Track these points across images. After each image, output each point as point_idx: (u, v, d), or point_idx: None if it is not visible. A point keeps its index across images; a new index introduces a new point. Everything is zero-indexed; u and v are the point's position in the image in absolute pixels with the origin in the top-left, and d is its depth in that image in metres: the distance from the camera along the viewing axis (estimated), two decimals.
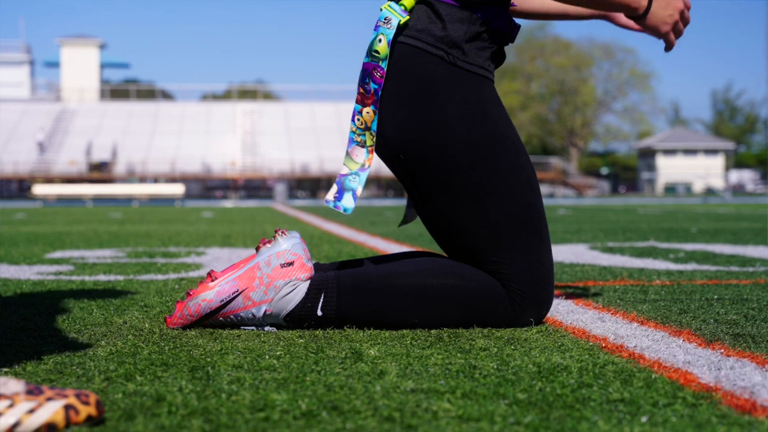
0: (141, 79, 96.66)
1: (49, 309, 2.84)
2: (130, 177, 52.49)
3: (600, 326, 2.47)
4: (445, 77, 2.41)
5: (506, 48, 2.53)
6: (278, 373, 1.84)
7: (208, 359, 1.99)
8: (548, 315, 2.68)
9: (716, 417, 1.48)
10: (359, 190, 2.47)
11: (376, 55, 2.43)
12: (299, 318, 2.39)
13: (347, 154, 2.48)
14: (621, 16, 2.93)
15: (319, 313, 2.38)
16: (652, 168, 75.54)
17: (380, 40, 2.43)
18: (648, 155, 77.23)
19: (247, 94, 70.92)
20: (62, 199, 41.33)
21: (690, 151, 75.73)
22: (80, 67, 64.88)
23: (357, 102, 2.47)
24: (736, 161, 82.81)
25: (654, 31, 2.53)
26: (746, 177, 75.76)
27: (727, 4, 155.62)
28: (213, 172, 54.01)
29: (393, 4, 2.47)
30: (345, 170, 2.48)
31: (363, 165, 2.47)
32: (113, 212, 19.04)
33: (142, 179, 52.45)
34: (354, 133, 2.48)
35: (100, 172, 52.53)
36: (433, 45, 2.41)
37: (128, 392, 1.67)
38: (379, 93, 2.43)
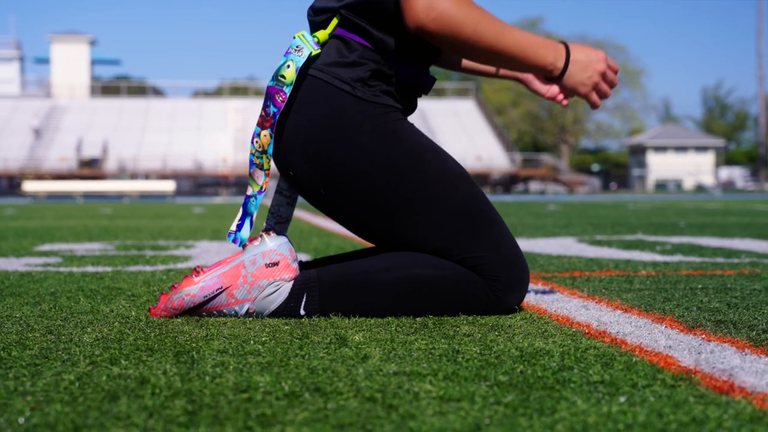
0: (132, 75, 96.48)
1: (36, 298, 2.85)
2: (120, 174, 52.39)
3: (584, 313, 2.49)
4: (353, 110, 2.40)
5: (406, 107, 2.51)
6: (262, 357, 1.86)
7: (193, 345, 2.00)
8: (533, 303, 2.70)
9: (694, 397, 1.50)
10: (254, 216, 2.49)
11: (282, 80, 2.43)
12: (282, 317, 2.41)
13: (250, 175, 2.50)
14: (533, 81, 2.82)
15: (302, 312, 2.40)
16: (642, 165, 75.71)
17: (288, 66, 2.43)
18: (639, 152, 77.40)
19: (238, 90, 70.85)
20: (52, 196, 41.26)
21: (680, 148, 75.92)
22: (71, 63, 64.70)
23: (258, 124, 2.47)
24: (726, 158, 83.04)
25: (572, 92, 2.51)
26: (736, 174, 75.97)
27: (718, 1, 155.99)
28: (204, 168, 53.96)
29: (307, 34, 2.47)
30: (249, 191, 2.51)
31: (261, 188, 2.49)
32: (103, 208, 19.01)
33: (133, 176, 52.36)
34: (253, 155, 2.48)
35: (90, 168, 52.44)
36: (340, 79, 2.41)
37: (112, 375, 1.68)
38: (277, 116, 2.43)
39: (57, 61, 64.76)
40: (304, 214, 12.64)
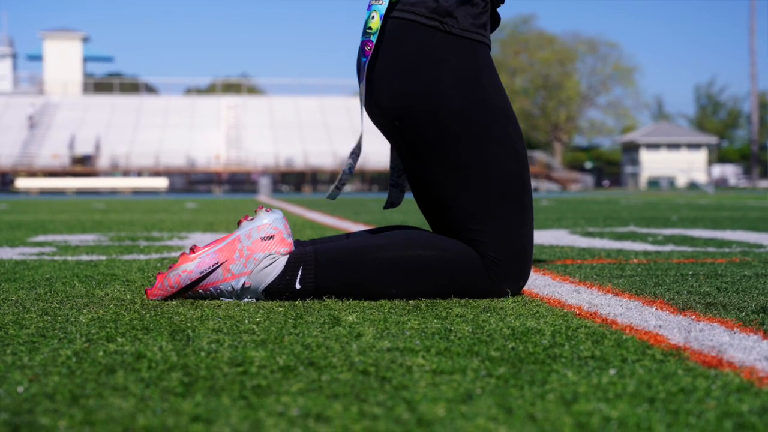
0: (124, 72, 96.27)
1: (31, 283, 2.87)
2: (113, 171, 52.26)
3: (575, 297, 2.51)
4: (441, 45, 2.45)
5: (491, 42, 2.52)
6: (257, 335, 1.88)
7: (188, 324, 2.02)
8: (525, 287, 2.72)
9: (683, 370, 1.53)
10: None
11: (369, 30, 2.48)
12: (278, 291, 2.42)
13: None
14: None
15: (298, 286, 2.41)
16: (635, 162, 75.81)
17: (373, 17, 2.48)
18: (631, 149, 77.50)
19: (231, 88, 70.70)
20: (45, 193, 41.19)
21: (673, 146, 76.02)
22: (63, 60, 64.48)
23: (361, 78, 2.53)
24: (719, 156, 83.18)
25: None
26: (729, 171, 76.12)
27: None
28: (197, 166, 53.86)
29: None
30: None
31: None
32: (96, 204, 18.98)
33: (126, 173, 52.26)
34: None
35: (83, 165, 52.29)
36: (427, 16, 2.45)
37: (109, 351, 1.70)
38: (367, 65, 2.48)
39: (49, 58, 64.53)
40: (298, 210, 12.66)
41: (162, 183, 45.00)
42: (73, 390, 1.38)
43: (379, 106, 2.51)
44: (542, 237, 5.54)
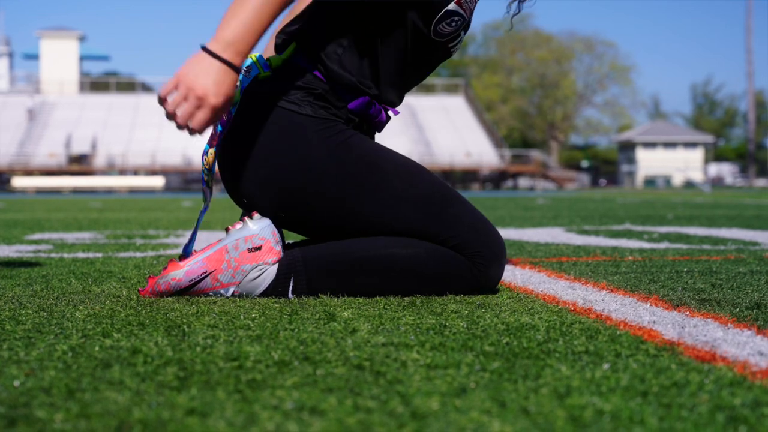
0: (121, 71, 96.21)
1: (28, 280, 2.87)
2: (110, 170, 52.24)
3: (570, 293, 2.52)
4: (299, 127, 2.41)
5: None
6: (252, 331, 1.88)
7: (184, 320, 2.03)
8: (520, 284, 2.73)
9: (676, 365, 1.54)
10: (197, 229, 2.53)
11: None
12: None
13: (203, 191, 2.54)
14: None
15: (290, 296, 2.42)
16: (632, 161, 75.91)
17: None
18: (628, 148, 77.61)
19: None
20: (41, 192, 41.17)
21: (670, 145, 76.14)
22: (59, 59, 64.39)
23: (207, 142, 2.49)
24: (715, 155, 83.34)
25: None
26: (726, 170, 76.27)
27: None
28: (194, 164, 53.86)
29: (261, 57, 2.48)
30: (203, 205, 2.55)
31: (206, 205, 2.53)
32: (93, 202, 18.98)
33: (122, 172, 52.24)
34: (203, 172, 2.51)
35: (79, 164, 52.27)
36: (286, 100, 2.42)
37: (105, 346, 1.71)
38: (222, 135, 2.46)
39: (46, 57, 64.44)
40: None
41: (158, 182, 45.01)
42: (69, 384, 1.39)
43: (248, 197, 2.48)
44: (538, 235, 5.56)
